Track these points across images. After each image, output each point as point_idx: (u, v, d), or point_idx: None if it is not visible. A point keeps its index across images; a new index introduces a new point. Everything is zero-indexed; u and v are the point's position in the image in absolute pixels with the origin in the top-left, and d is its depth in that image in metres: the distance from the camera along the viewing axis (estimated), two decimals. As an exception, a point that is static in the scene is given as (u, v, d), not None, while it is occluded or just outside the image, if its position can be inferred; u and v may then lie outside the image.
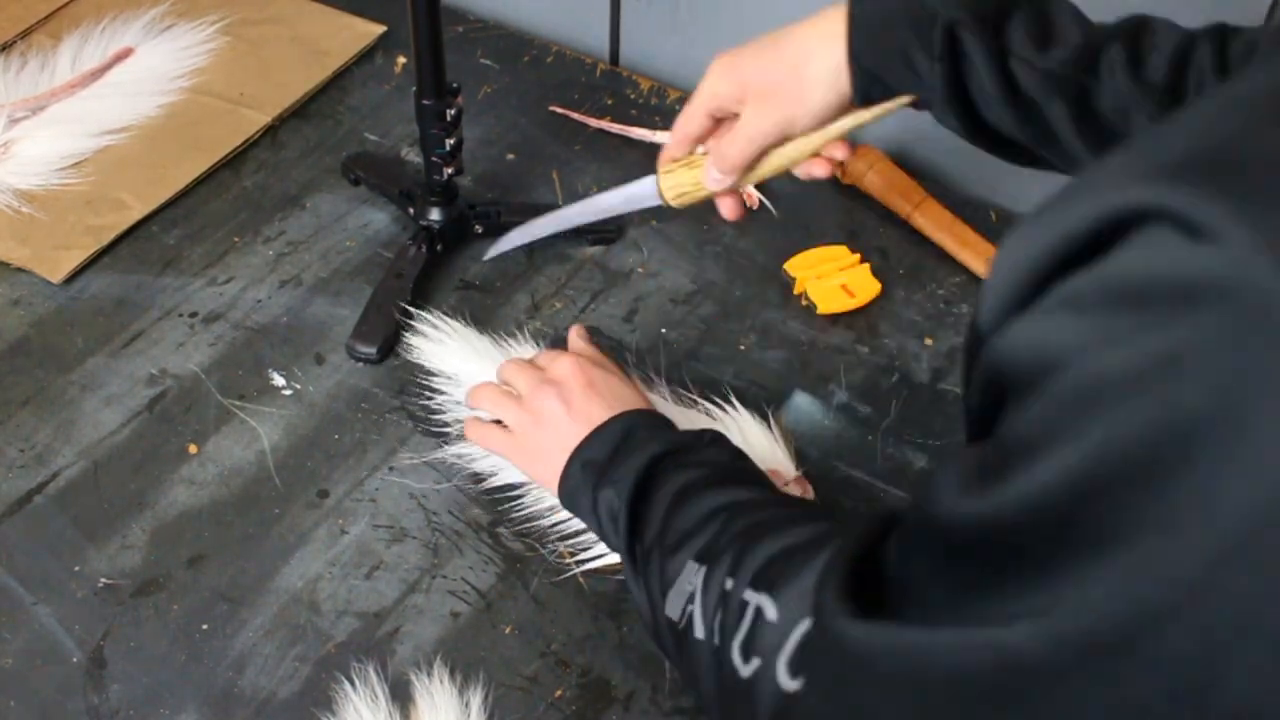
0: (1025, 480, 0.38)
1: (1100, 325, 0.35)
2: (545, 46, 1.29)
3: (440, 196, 1.03)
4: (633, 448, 0.76)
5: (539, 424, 0.82)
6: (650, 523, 0.72)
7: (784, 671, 0.56)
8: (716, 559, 0.65)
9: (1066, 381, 0.36)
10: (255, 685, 0.79)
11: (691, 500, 0.71)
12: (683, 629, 0.66)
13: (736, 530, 0.67)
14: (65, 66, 1.21)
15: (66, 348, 0.98)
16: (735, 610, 0.62)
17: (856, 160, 1.12)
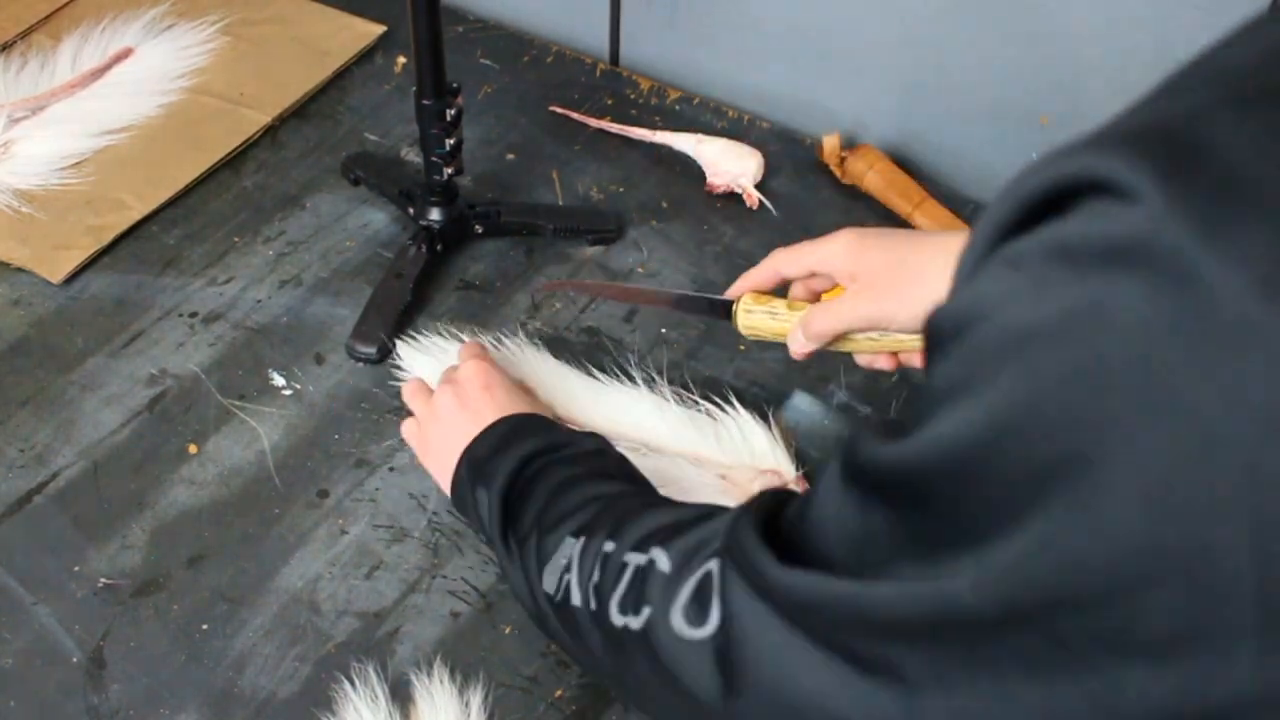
0: (939, 425, 0.39)
1: (1028, 279, 0.36)
2: (545, 46, 1.29)
3: (440, 196, 1.03)
4: (511, 444, 0.77)
5: (435, 419, 0.84)
6: (527, 513, 0.72)
7: (679, 619, 0.57)
8: (595, 531, 0.66)
9: (988, 331, 0.37)
10: (255, 685, 0.79)
11: (573, 490, 0.72)
12: (559, 600, 0.66)
13: (619, 507, 0.68)
14: (65, 66, 1.21)
15: (66, 348, 0.98)
16: (614, 570, 0.62)
17: (856, 160, 1.12)
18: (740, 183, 1.12)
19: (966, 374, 0.38)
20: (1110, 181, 0.34)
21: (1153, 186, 0.33)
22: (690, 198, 1.13)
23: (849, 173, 1.13)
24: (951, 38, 1.09)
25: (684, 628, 0.56)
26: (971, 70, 1.10)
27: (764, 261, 0.81)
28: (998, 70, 1.08)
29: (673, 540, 0.60)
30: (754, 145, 1.14)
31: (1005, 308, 0.37)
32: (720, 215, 1.12)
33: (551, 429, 0.80)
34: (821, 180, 1.15)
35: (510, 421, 0.80)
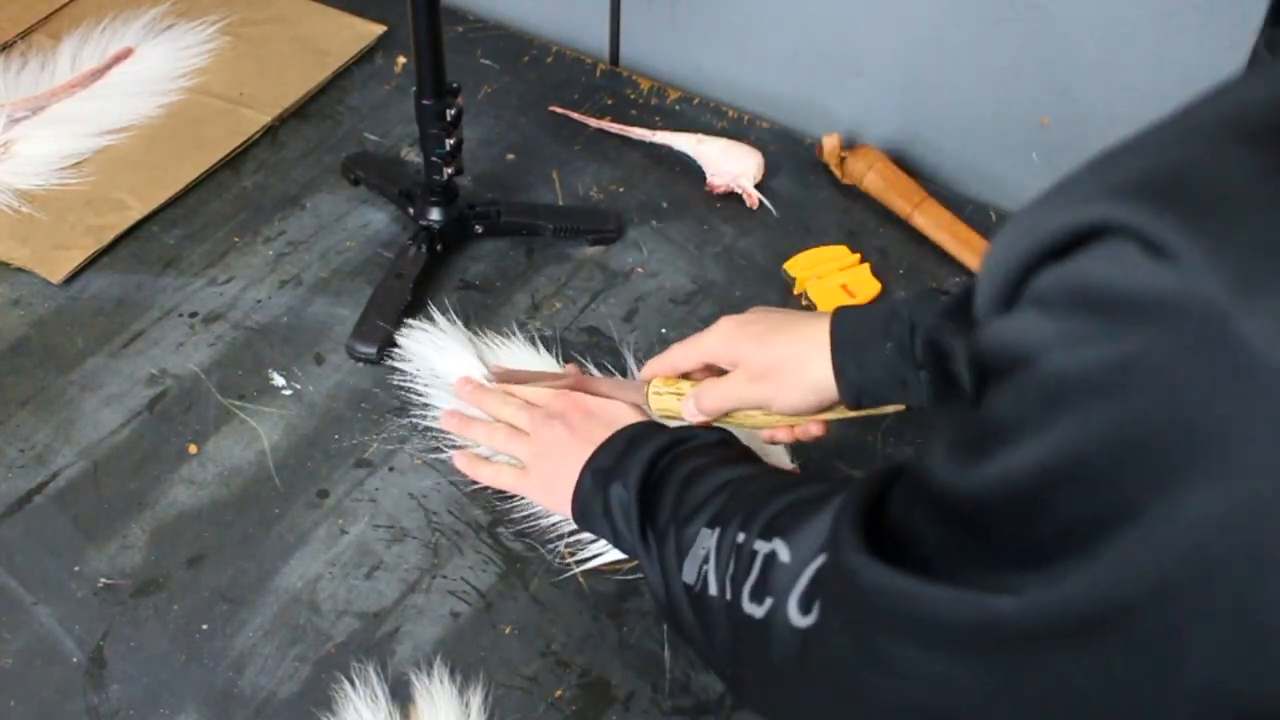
0: (998, 464, 0.41)
1: (1062, 326, 0.38)
2: (545, 46, 1.29)
3: (440, 196, 1.03)
4: (638, 447, 0.79)
5: (548, 454, 0.84)
6: (663, 507, 0.75)
7: (795, 608, 0.58)
8: (729, 521, 0.68)
9: (1033, 377, 0.39)
10: (255, 685, 0.79)
11: (702, 479, 0.74)
12: (699, 591, 0.68)
13: (746, 493, 0.70)
14: (65, 66, 1.21)
15: (66, 348, 0.98)
16: (746, 560, 0.64)
17: (856, 160, 1.12)
18: (740, 183, 1.12)
19: (1019, 415, 0.40)
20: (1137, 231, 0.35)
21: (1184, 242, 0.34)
22: (690, 198, 1.13)
23: (849, 173, 1.13)
24: (951, 38, 1.09)
25: (798, 616, 0.58)
26: (971, 70, 1.10)
27: (663, 355, 0.87)
28: (998, 70, 1.08)
29: (793, 529, 0.62)
30: (754, 145, 1.14)
31: (1046, 354, 0.38)
32: (720, 215, 1.12)
33: (669, 429, 0.81)
34: (821, 180, 1.15)
35: (628, 431, 0.81)
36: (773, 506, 0.66)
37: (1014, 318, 0.40)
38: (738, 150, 1.13)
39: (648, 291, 1.05)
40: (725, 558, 0.66)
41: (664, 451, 0.78)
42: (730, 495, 0.71)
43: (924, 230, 1.09)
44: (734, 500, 0.70)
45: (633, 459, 0.78)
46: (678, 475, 0.76)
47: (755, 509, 0.67)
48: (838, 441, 0.93)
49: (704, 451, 0.78)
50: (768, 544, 0.63)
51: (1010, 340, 0.40)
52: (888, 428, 0.94)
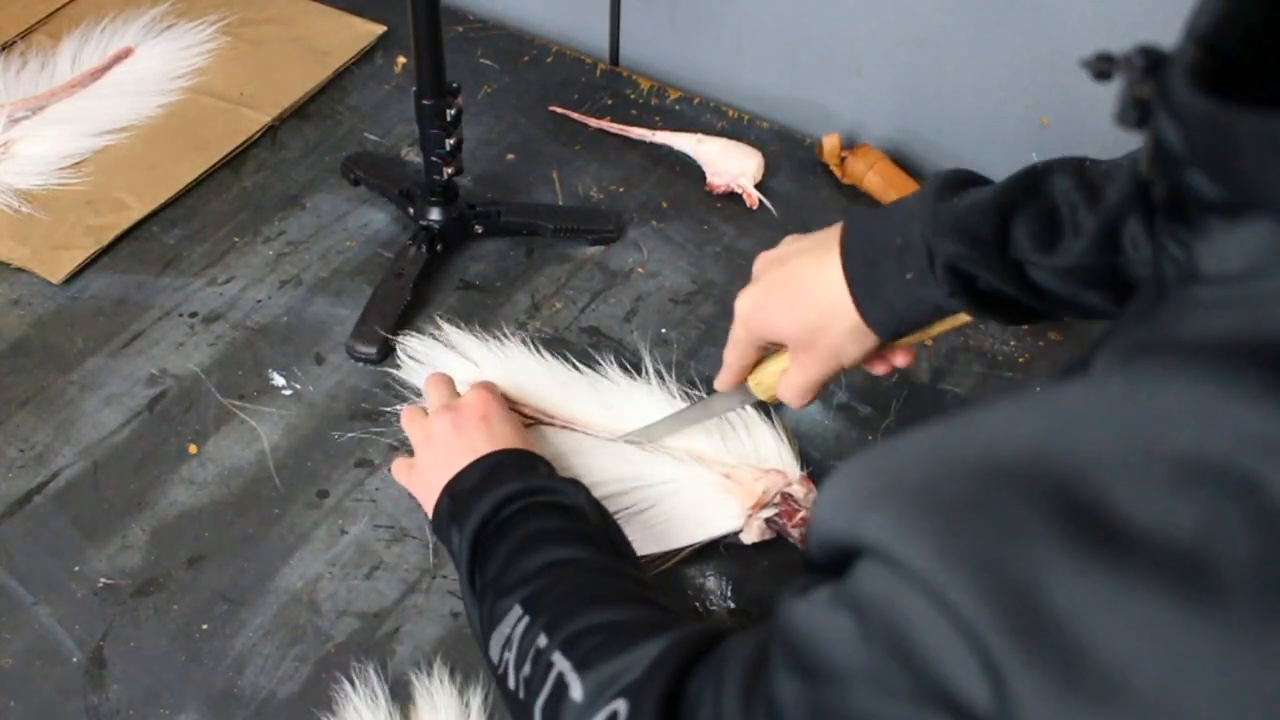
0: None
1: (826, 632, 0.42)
2: (545, 46, 1.29)
3: (440, 196, 1.03)
4: (492, 482, 0.76)
5: (429, 442, 0.83)
6: (492, 561, 0.72)
7: None
8: (537, 613, 0.66)
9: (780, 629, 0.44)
10: (255, 685, 0.79)
11: (536, 550, 0.70)
12: (500, 675, 0.67)
13: (566, 588, 0.67)
14: (65, 66, 1.21)
15: (66, 348, 0.98)
16: (542, 670, 0.62)
17: (856, 160, 1.12)
18: (740, 183, 1.12)
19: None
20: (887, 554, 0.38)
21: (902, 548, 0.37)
22: (690, 198, 1.13)
23: (849, 173, 1.13)
24: (951, 38, 1.09)
25: None
26: (971, 70, 1.10)
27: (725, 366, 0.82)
28: (998, 70, 1.08)
29: (591, 662, 0.60)
30: (754, 145, 1.14)
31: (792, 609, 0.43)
32: (720, 215, 1.12)
33: (535, 470, 0.78)
34: (821, 180, 1.15)
35: (497, 456, 0.78)
36: (582, 620, 0.63)
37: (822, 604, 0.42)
38: (738, 150, 1.13)
39: (648, 291, 1.05)
40: (524, 655, 0.64)
41: (511, 500, 0.74)
42: (553, 580, 0.68)
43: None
44: (553, 589, 0.67)
45: (479, 501, 0.74)
46: (516, 534, 0.72)
47: (565, 613, 0.64)
48: (838, 441, 0.93)
49: (553, 512, 0.74)
50: (565, 663, 0.61)
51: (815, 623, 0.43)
52: (887, 428, 0.94)
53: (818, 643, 0.42)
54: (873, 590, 0.39)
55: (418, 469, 0.84)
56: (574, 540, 0.72)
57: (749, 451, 0.89)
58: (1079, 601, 0.33)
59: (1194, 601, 0.32)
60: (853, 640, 0.40)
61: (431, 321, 1.01)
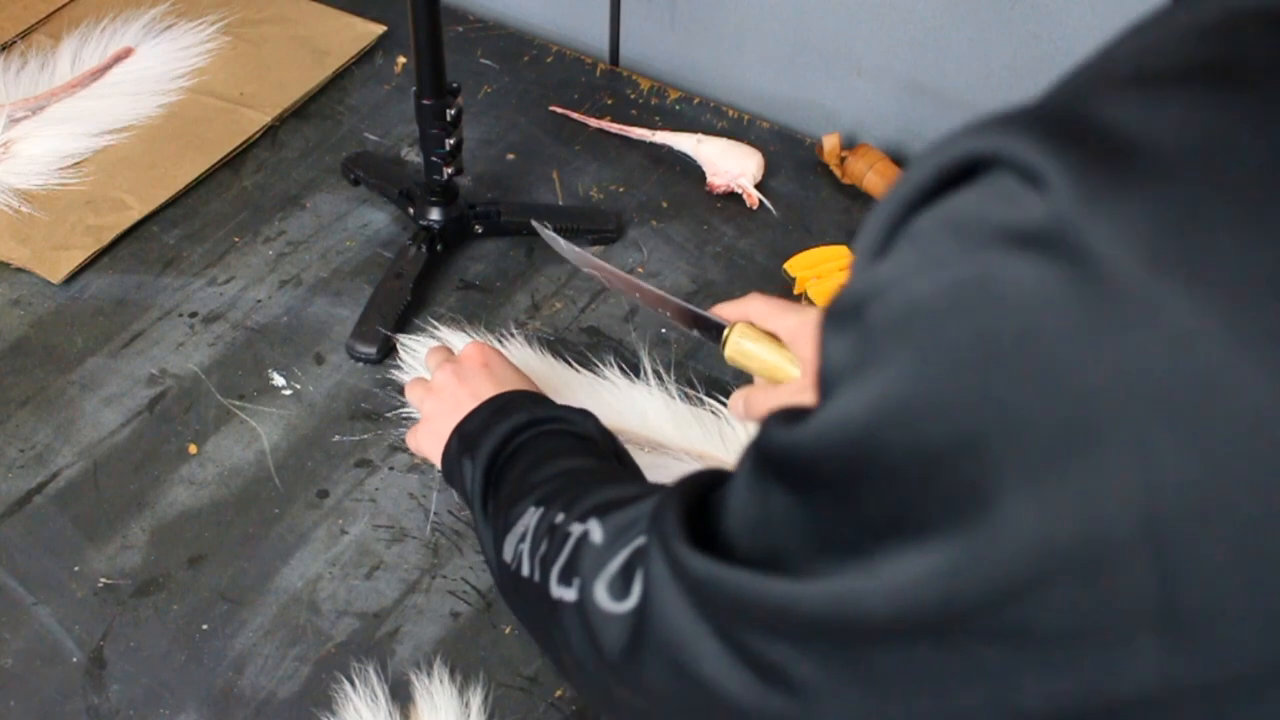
0: (832, 408, 0.37)
1: (922, 252, 0.35)
2: (545, 46, 1.29)
3: (440, 196, 1.03)
4: (501, 417, 0.76)
5: (434, 398, 0.82)
6: (505, 483, 0.71)
7: (603, 593, 0.55)
8: (553, 502, 0.65)
9: (879, 308, 0.36)
10: (255, 685, 0.79)
11: (549, 463, 0.71)
12: (514, 569, 0.65)
13: (582, 481, 0.66)
14: (65, 66, 1.21)
15: (66, 348, 0.98)
16: (559, 540, 0.61)
17: (856, 160, 1.12)
18: (740, 183, 1.12)
19: (860, 354, 0.37)
20: (1014, 161, 0.34)
21: (1053, 167, 0.33)
22: (690, 198, 1.13)
23: (849, 173, 1.13)
24: (952, 38, 1.09)
25: (607, 601, 0.55)
26: (971, 70, 1.10)
27: (742, 299, 0.83)
28: (998, 70, 1.08)
29: (611, 513, 0.59)
30: (754, 145, 1.14)
31: (897, 284, 0.36)
32: (720, 215, 1.12)
33: (543, 403, 0.78)
34: (821, 180, 1.15)
35: (502, 397, 0.78)
36: (601, 493, 0.62)
37: (877, 263, 0.37)
38: (738, 150, 1.13)
39: (648, 291, 1.05)
40: (540, 537, 0.63)
41: (525, 427, 0.74)
42: (568, 481, 0.67)
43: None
44: (568, 485, 0.66)
45: (490, 433, 0.74)
46: (530, 455, 0.72)
47: (580, 494, 0.63)
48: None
49: (565, 437, 0.74)
50: (583, 525, 0.59)
51: (866, 280, 0.37)
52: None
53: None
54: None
55: (425, 422, 0.83)
56: (586, 455, 0.72)
57: None
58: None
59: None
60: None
61: (431, 321, 1.01)
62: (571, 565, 0.59)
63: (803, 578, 0.40)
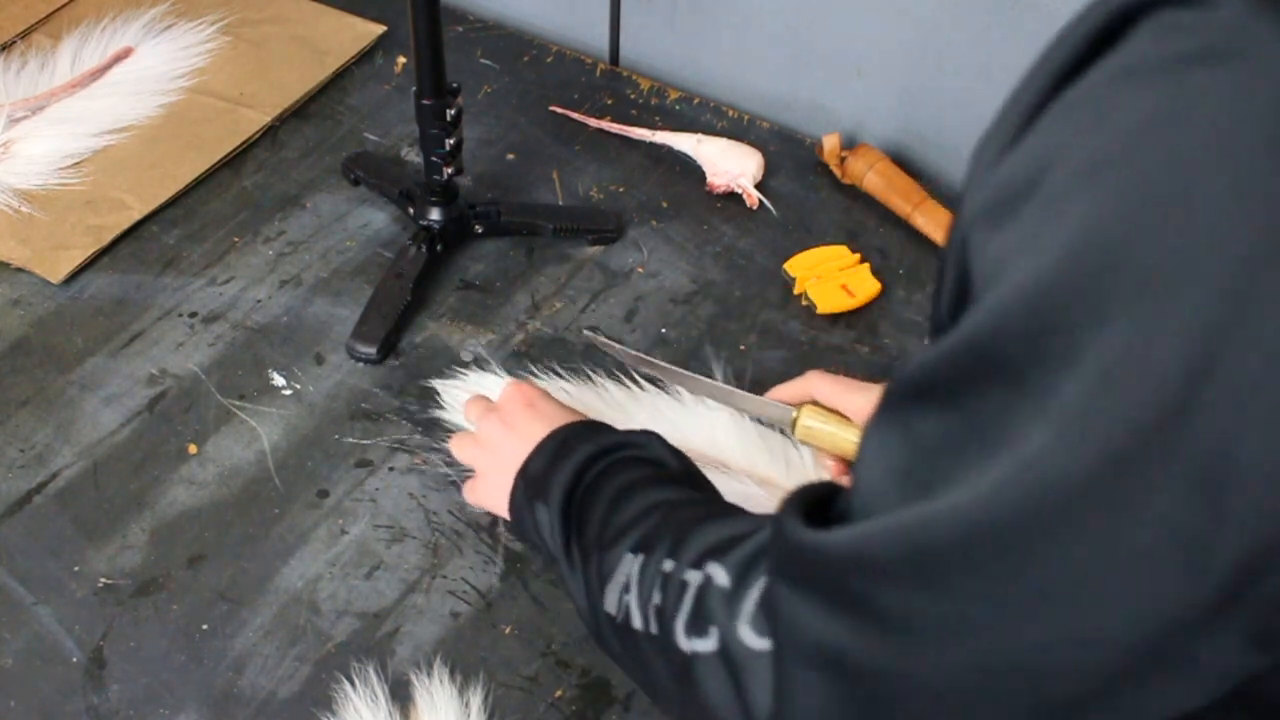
0: (994, 295, 0.36)
1: (1095, 109, 0.34)
2: (545, 46, 1.29)
3: (440, 196, 1.03)
4: (565, 455, 0.73)
5: (486, 451, 0.80)
6: (590, 523, 0.68)
7: (748, 631, 0.51)
8: (654, 546, 0.61)
9: (1055, 176, 0.35)
10: (255, 685, 0.79)
11: (633, 498, 0.67)
12: (621, 622, 0.61)
13: (678, 519, 0.63)
14: (65, 66, 1.21)
15: (66, 348, 0.98)
16: (675, 591, 0.57)
17: (856, 160, 1.12)
18: (740, 183, 1.12)
19: (1036, 226, 0.35)
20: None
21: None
22: (690, 198, 1.13)
23: (849, 173, 1.13)
24: (951, 38, 1.09)
25: (754, 639, 0.51)
26: (971, 70, 1.10)
27: (799, 380, 0.84)
28: (998, 70, 1.08)
29: (729, 551, 0.55)
30: (754, 145, 1.14)
31: (1071, 147, 0.34)
32: (720, 215, 1.12)
33: (604, 432, 0.75)
34: (821, 180, 1.15)
35: (561, 433, 0.75)
36: (707, 533, 0.59)
37: (1035, 134, 0.35)
38: (738, 150, 1.13)
39: (648, 291, 1.05)
40: (648, 587, 0.59)
41: (593, 461, 0.71)
42: (661, 519, 0.63)
43: (924, 230, 1.08)
44: (664, 525, 0.63)
45: (558, 472, 0.71)
46: (608, 490, 0.69)
47: (685, 535, 0.59)
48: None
49: (638, 465, 0.71)
50: (700, 571, 0.55)
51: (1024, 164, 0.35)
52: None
53: None
54: None
55: (482, 478, 0.80)
56: (665, 484, 0.69)
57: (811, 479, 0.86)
58: None
59: None
60: None
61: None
62: (701, 614, 0.55)
63: (965, 484, 0.37)
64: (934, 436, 0.39)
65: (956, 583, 0.38)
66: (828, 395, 0.83)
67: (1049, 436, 0.35)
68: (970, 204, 0.38)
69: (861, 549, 0.42)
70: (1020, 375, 0.35)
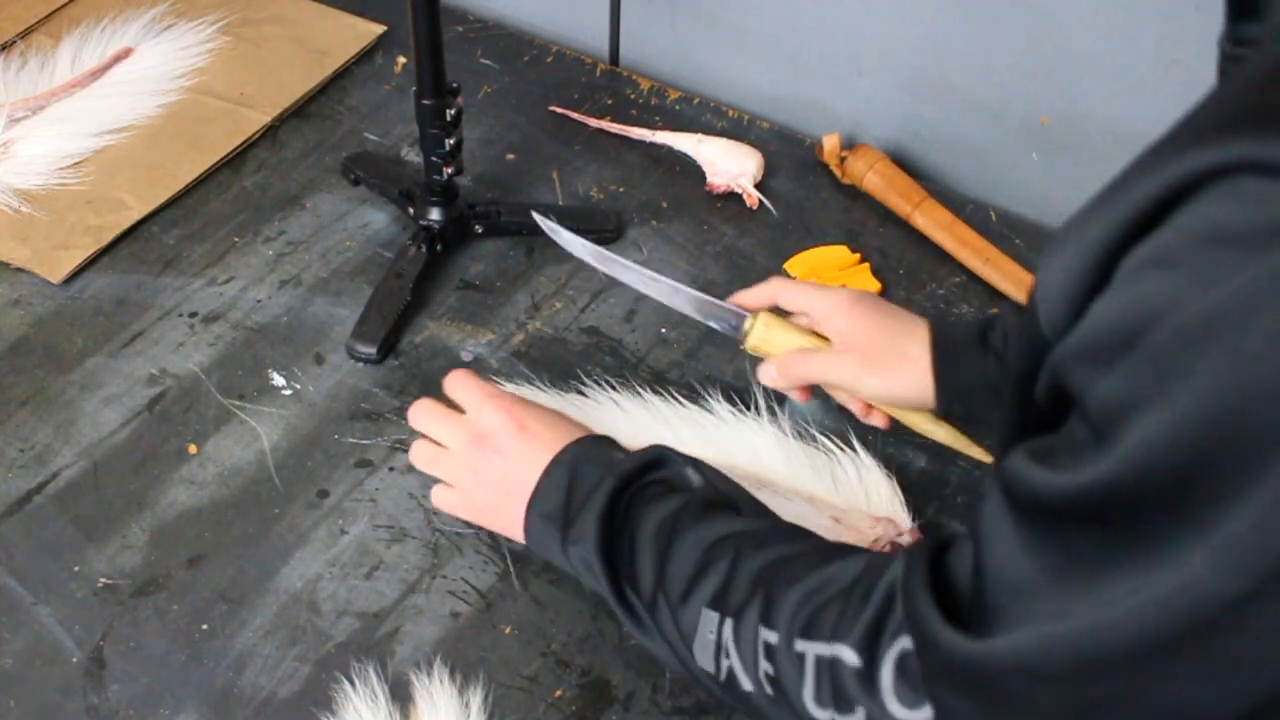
0: (1137, 434, 0.39)
1: (1193, 271, 0.37)
2: (545, 46, 1.29)
3: (440, 196, 1.03)
4: (586, 492, 0.73)
5: (482, 482, 0.79)
6: (640, 570, 0.69)
7: (897, 706, 0.55)
8: (740, 610, 0.63)
9: (1164, 331, 0.37)
10: (255, 685, 0.79)
11: (679, 539, 0.68)
12: (725, 681, 0.64)
13: (752, 573, 0.64)
14: (65, 66, 1.21)
15: (66, 348, 0.98)
16: (792, 663, 0.59)
17: (856, 160, 1.12)
18: (740, 183, 1.12)
19: (1150, 379, 0.38)
20: (1251, 163, 0.35)
21: None
22: (690, 198, 1.13)
23: (849, 173, 1.13)
24: (952, 38, 1.09)
25: (905, 712, 0.54)
26: (971, 70, 1.10)
27: (762, 285, 0.85)
28: (998, 70, 1.08)
29: (844, 627, 0.57)
30: (754, 145, 1.14)
31: (1178, 306, 0.37)
32: (720, 215, 1.12)
33: (611, 456, 0.75)
34: (821, 180, 1.15)
35: (565, 461, 0.75)
36: (794, 594, 0.61)
37: (1122, 291, 0.39)
38: (738, 150, 1.13)
39: (648, 291, 1.05)
40: (751, 654, 0.62)
41: (614, 499, 0.71)
42: (729, 568, 0.65)
43: (924, 230, 1.09)
44: (736, 578, 0.64)
45: (585, 515, 0.71)
46: (648, 528, 0.70)
47: (773, 597, 0.61)
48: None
49: (662, 494, 0.72)
50: (814, 646, 0.58)
51: (1123, 315, 0.39)
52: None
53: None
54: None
55: (466, 495, 0.80)
56: (699, 514, 0.69)
57: (859, 496, 0.86)
58: None
59: None
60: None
61: (433, 321, 1.01)
62: (839, 694, 0.57)
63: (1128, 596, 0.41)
64: (1090, 548, 0.43)
65: (1123, 679, 0.43)
66: (791, 299, 0.85)
67: (1211, 560, 0.39)
68: (1049, 328, 0.43)
69: (1026, 657, 0.45)
70: (1181, 506, 0.39)
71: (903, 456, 0.92)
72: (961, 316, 1.03)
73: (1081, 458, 0.42)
